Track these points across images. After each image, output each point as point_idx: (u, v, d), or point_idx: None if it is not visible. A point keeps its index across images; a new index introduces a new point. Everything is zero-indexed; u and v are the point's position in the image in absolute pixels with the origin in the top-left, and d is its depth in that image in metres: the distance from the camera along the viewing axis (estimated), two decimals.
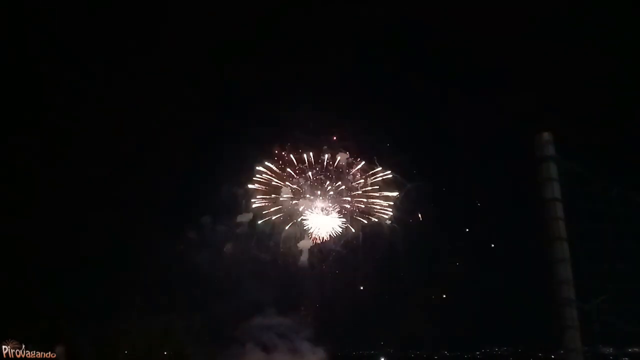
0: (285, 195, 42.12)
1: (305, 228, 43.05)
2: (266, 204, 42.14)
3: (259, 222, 42.38)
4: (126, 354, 41.81)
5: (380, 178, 42.38)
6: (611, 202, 7.47)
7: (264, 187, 42.24)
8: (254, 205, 42.17)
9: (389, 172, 42.16)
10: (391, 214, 42.66)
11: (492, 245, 48.07)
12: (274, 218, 42.38)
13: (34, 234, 46.85)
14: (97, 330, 39.63)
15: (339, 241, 43.35)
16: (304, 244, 41.08)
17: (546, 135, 8.17)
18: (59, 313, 39.34)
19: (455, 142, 56.08)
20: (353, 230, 44.23)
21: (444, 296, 43.68)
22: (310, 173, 42.69)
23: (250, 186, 42.13)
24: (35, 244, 46.55)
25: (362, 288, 41.92)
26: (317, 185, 42.77)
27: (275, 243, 41.49)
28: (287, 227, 42.44)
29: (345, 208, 44.81)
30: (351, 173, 43.36)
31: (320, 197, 42.21)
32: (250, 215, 41.39)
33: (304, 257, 40.65)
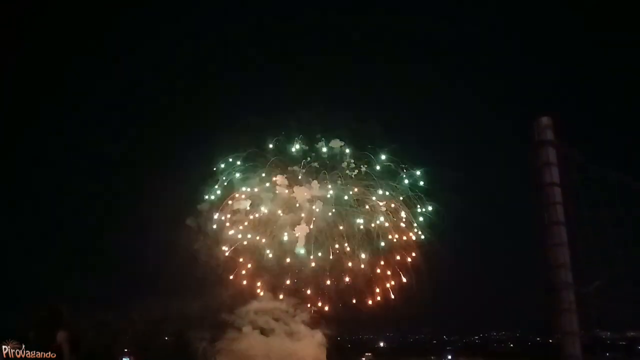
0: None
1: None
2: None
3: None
4: (127, 339, 42.12)
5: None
6: (609, 187, 7.47)
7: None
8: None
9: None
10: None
11: (490, 230, 48.22)
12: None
13: (35, 223, 47.16)
14: (99, 316, 39.89)
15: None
16: (300, 230, 40.41)
17: (545, 120, 8.14)
18: (61, 299, 39.57)
19: (453, 127, 55.94)
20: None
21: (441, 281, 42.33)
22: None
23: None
24: (37, 233, 46.88)
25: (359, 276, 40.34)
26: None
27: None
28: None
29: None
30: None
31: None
32: (247, 203, 41.09)
33: (300, 244, 40.09)
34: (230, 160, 40.73)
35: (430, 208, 39.52)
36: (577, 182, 7.51)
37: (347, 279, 39.03)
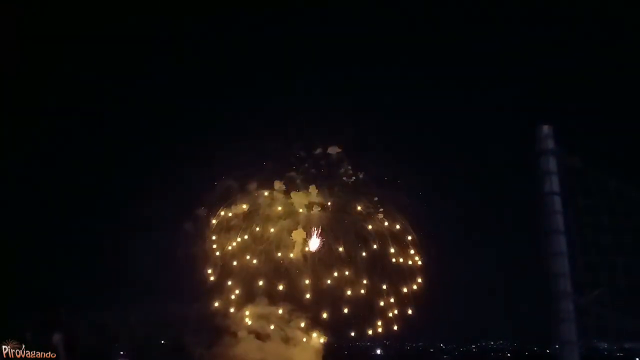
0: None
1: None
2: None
3: None
4: (124, 342, 41.97)
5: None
6: (610, 195, 7.45)
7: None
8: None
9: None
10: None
11: (488, 238, 48.18)
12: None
13: (32, 224, 46.99)
14: (96, 319, 39.76)
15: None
16: (297, 236, 40.14)
17: (546, 129, 8.14)
18: (58, 302, 39.46)
19: (453, 136, 55.93)
20: None
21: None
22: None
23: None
24: (33, 234, 46.69)
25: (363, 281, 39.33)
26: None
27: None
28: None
29: None
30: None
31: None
32: (244, 207, 41.00)
33: (297, 249, 39.85)
34: (229, 165, 40.80)
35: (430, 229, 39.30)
36: (577, 190, 7.50)
37: (345, 310, 37.69)
